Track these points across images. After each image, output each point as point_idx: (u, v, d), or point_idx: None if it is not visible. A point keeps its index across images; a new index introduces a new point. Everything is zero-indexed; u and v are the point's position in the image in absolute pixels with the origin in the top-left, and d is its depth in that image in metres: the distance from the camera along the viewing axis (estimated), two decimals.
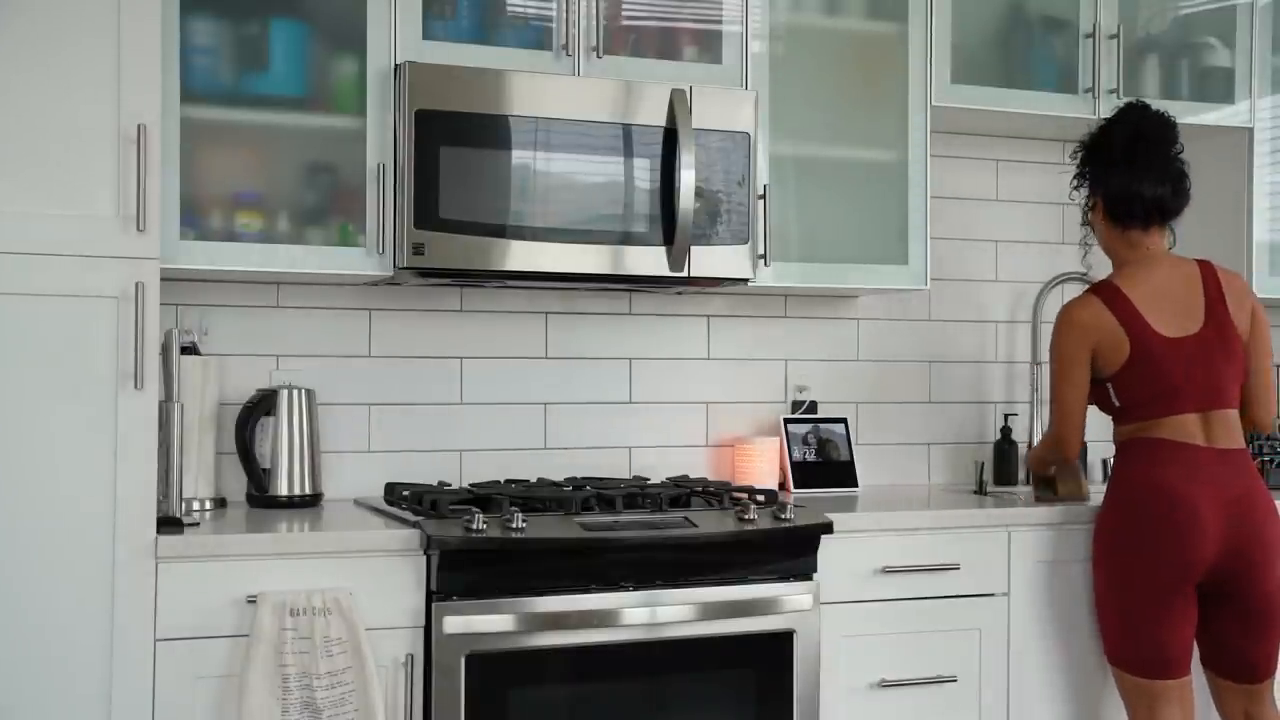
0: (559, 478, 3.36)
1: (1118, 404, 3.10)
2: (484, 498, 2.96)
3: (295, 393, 3.12)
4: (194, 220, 2.89)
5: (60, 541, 2.51)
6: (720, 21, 3.28)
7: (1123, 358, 3.04)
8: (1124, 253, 3.17)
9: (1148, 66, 3.72)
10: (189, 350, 3.00)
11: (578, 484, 3.21)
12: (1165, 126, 3.16)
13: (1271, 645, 3.06)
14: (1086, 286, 3.59)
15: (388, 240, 2.96)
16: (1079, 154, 3.25)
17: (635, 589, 2.80)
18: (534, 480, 3.31)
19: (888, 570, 3.06)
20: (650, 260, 3.11)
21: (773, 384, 3.71)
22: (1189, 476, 2.99)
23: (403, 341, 3.36)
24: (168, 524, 2.63)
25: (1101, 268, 3.51)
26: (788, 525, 2.92)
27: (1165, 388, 3.03)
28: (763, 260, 3.25)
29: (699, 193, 3.11)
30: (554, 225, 3.02)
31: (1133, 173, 3.11)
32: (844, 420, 3.70)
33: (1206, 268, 3.16)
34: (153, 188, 2.59)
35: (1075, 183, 3.26)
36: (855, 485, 3.64)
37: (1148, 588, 2.99)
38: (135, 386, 2.56)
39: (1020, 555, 3.18)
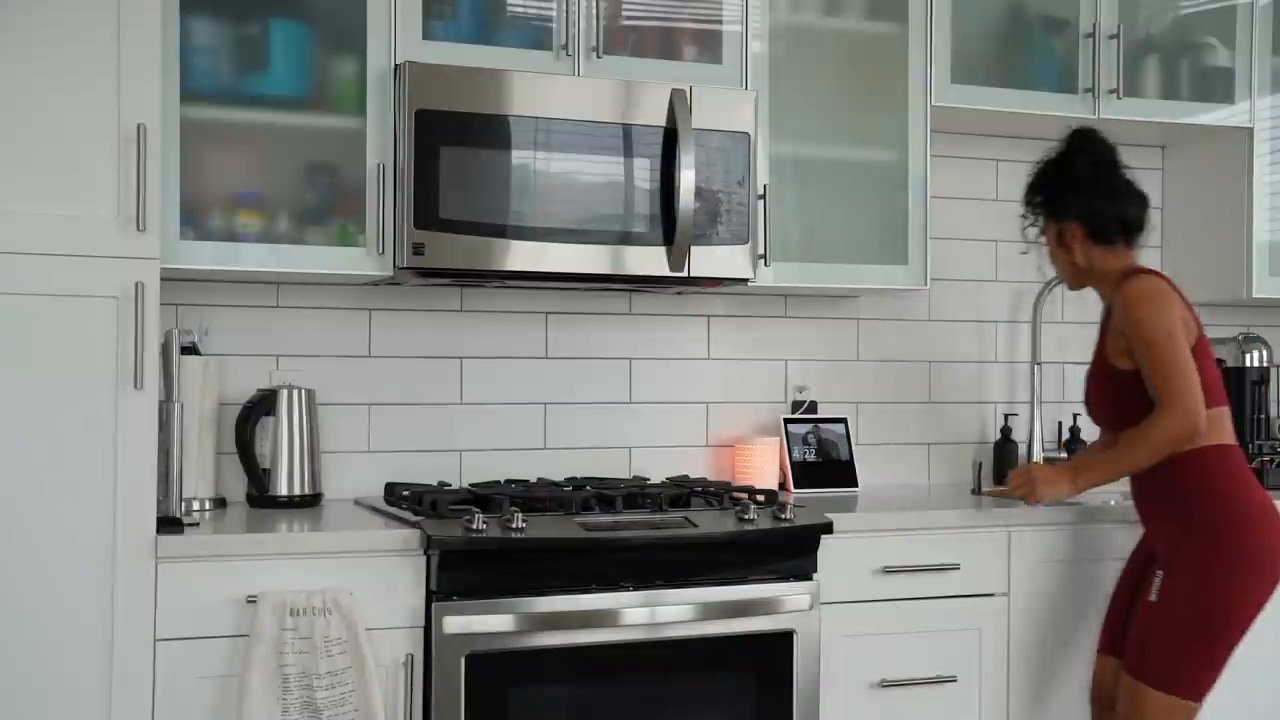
0: (559, 478, 3.36)
1: None
2: (484, 498, 2.96)
3: (295, 393, 3.12)
4: (194, 220, 2.89)
5: (60, 541, 2.52)
6: (720, 21, 3.28)
7: (1193, 338, 2.94)
8: (1112, 264, 3.06)
9: (1148, 66, 3.72)
10: (189, 350, 3.00)
11: (578, 484, 3.21)
12: (1114, 151, 3.14)
13: None
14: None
15: (388, 240, 2.96)
16: (1038, 186, 3.14)
17: (635, 589, 2.80)
18: (534, 480, 3.31)
19: (888, 570, 3.06)
20: (650, 260, 3.11)
21: (773, 384, 3.71)
22: (1263, 489, 2.97)
23: (403, 341, 3.36)
24: (168, 524, 2.63)
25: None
26: (788, 525, 2.92)
27: (1213, 377, 2.96)
28: (763, 260, 3.25)
29: (699, 193, 3.11)
30: (554, 225, 3.02)
31: (1108, 194, 3.06)
32: (844, 420, 3.70)
33: None
34: (153, 188, 2.59)
35: (1035, 214, 3.15)
36: (855, 485, 3.64)
37: (1257, 611, 2.90)
38: (135, 386, 2.56)
39: (1020, 555, 3.18)
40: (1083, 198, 3.06)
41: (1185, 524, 2.92)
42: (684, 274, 3.13)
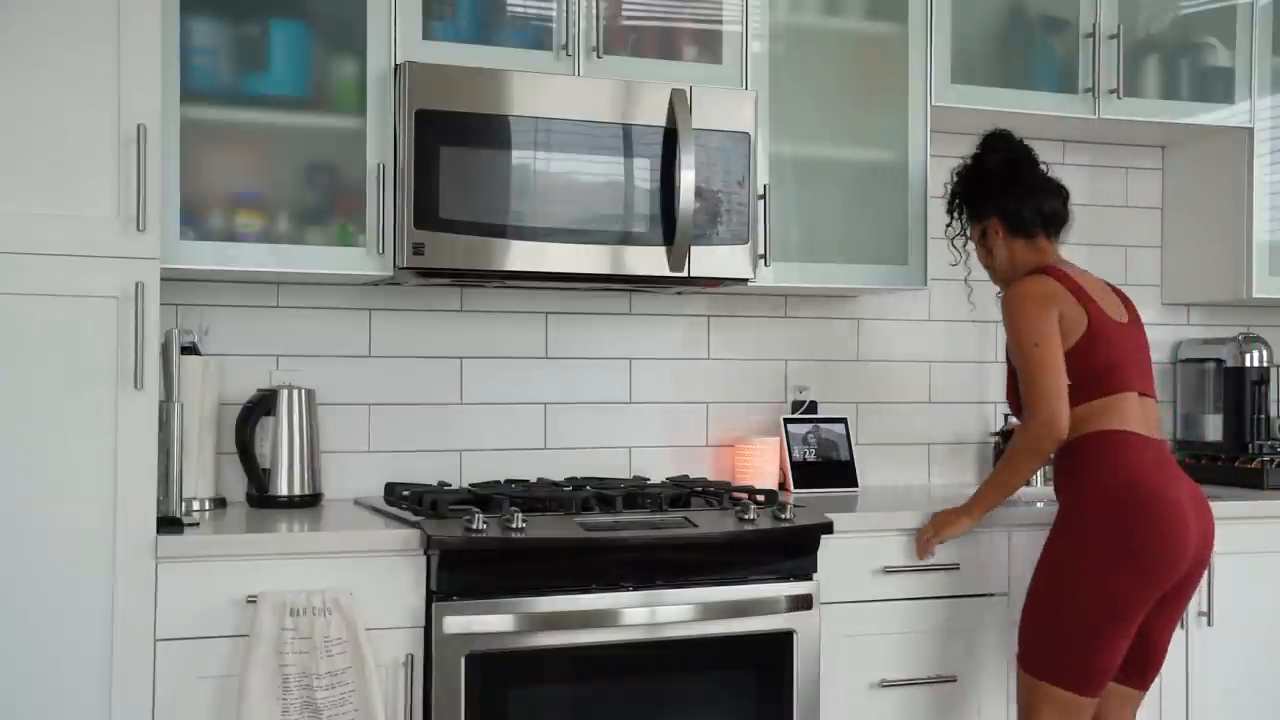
0: (559, 478, 3.36)
1: (1069, 382, 2.91)
2: (484, 498, 2.96)
3: (295, 393, 3.12)
4: (194, 220, 2.89)
5: (60, 541, 2.52)
6: (720, 21, 3.28)
7: (1080, 330, 2.92)
8: (1031, 258, 3.09)
9: (1148, 66, 3.72)
10: (189, 350, 3.00)
11: (578, 484, 3.21)
12: (1030, 150, 3.16)
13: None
14: None
15: (388, 240, 2.96)
16: (956, 192, 3.22)
17: (635, 589, 2.80)
18: (534, 480, 3.31)
19: (888, 570, 3.05)
20: (650, 260, 3.11)
21: (773, 384, 3.71)
22: (1165, 473, 2.89)
23: (403, 341, 3.36)
24: (168, 524, 2.63)
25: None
26: (788, 525, 2.92)
27: (1116, 360, 2.93)
28: (763, 260, 3.25)
29: (699, 193, 3.11)
30: (554, 225, 3.02)
31: (1026, 188, 3.09)
32: (844, 420, 3.70)
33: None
34: (153, 188, 2.59)
35: (957, 219, 3.23)
36: (855, 485, 3.64)
37: (1128, 599, 2.79)
38: (135, 386, 2.56)
39: (1020, 555, 3.17)
40: (999, 192, 3.10)
41: (1063, 509, 2.94)
42: (684, 274, 3.13)
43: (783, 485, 3.59)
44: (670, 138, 3.10)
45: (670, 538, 2.83)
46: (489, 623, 2.69)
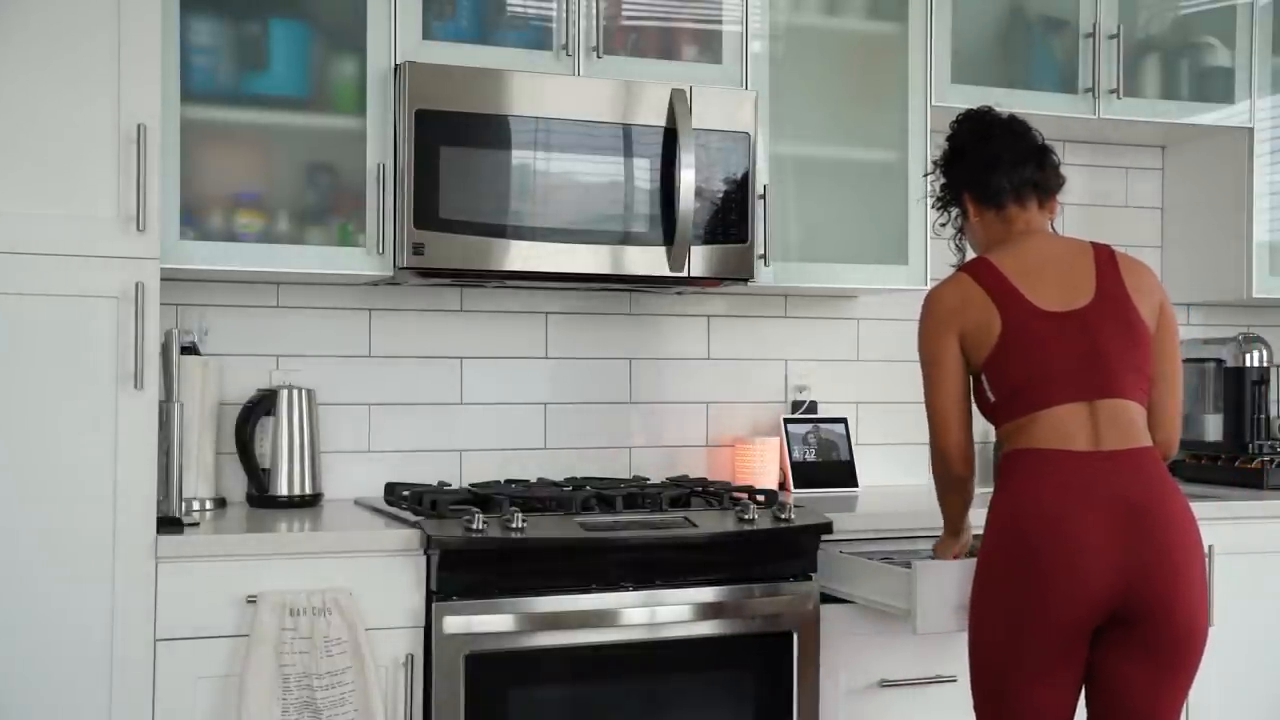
0: (559, 478, 3.36)
1: (992, 398, 2.62)
2: (484, 498, 2.96)
3: (295, 393, 3.12)
4: (194, 220, 2.90)
5: (60, 541, 2.52)
6: (720, 21, 3.28)
7: (993, 337, 2.57)
8: (1000, 232, 2.73)
9: (1148, 66, 3.72)
10: (189, 350, 3.00)
11: (578, 484, 3.21)
12: (1011, 120, 2.79)
13: (1176, 697, 2.54)
14: None
15: (388, 240, 2.96)
16: (937, 174, 2.88)
17: (635, 589, 2.80)
18: (534, 480, 3.31)
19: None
20: (650, 260, 3.11)
21: (773, 384, 3.71)
22: (1068, 497, 2.47)
23: (403, 341, 3.36)
24: (168, 524, 2.63)
25: None
26: (787, 525, 2.92)
27: (1043, 371, 2.54)
28: (763, 260, 3.25)
29: (699, 193, 3.11)
30: (554, 225, 3.03)
31: (990, 153, 2.73)
32: (844, 420, 3.70)
33: (1102, 246, 2.69)
34: (153, 188, 2.59)
35: (940, 202, 2.87)
36: (855, 485, 3.64)
37: (1023, 641, 2.49)
38: (135, 386, 2.56)
39: None
40: (965, 164, 2.78)
41: None
42: (684, 274, 3.13)
43: (783, 485, 3.59)
44: (670, 138, 3.10)
45: (670, 538, 2.83)
46: (489, 623, 2.69)
